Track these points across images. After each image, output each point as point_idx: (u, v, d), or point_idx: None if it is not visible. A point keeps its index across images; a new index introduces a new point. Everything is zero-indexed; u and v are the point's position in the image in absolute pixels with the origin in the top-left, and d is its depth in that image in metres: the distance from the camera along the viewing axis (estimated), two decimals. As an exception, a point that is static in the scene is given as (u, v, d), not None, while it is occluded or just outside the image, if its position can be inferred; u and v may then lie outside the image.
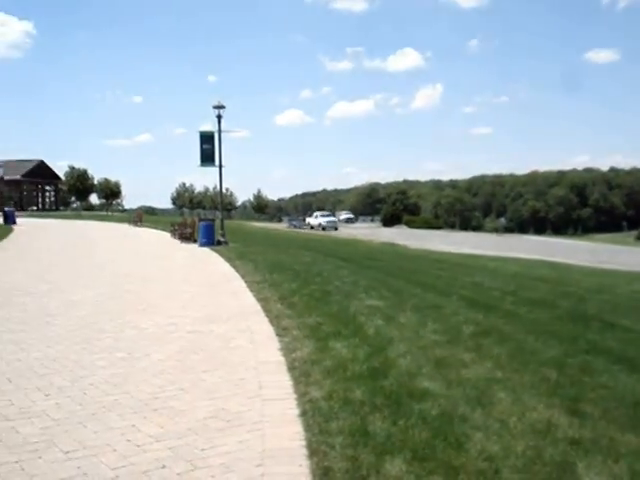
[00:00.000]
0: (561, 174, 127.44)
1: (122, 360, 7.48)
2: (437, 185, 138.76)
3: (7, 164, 65.72)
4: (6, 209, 52.78)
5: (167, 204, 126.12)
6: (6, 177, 63.07)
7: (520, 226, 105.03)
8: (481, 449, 4.60)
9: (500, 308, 10.80)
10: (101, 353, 7.81)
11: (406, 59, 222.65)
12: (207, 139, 27.23)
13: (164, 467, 4.47)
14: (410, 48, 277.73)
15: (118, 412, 5.64)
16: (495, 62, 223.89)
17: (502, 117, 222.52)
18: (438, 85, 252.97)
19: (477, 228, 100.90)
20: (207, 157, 27.19)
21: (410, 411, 5.35)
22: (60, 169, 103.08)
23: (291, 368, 6.87)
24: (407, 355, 7.20)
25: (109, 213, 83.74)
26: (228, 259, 19.76)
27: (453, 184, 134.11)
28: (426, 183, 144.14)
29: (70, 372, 6.95)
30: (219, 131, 26.94)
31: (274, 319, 9.58)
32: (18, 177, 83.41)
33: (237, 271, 16.35)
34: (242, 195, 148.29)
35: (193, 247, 25.88)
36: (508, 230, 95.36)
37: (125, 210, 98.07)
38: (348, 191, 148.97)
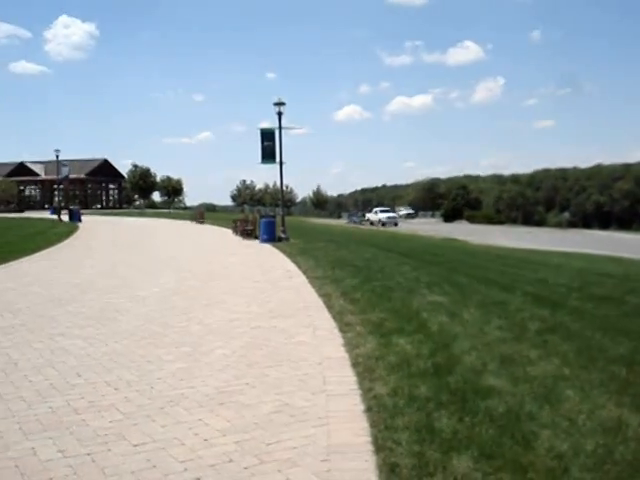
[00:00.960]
0: (626, 167, 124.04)
1: (188, 355, 7.59)
2: (498, 179, 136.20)
3: (72, 163, 67.22)
4: (72, 207, 54.20)
5: (227, 201, 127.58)
6: (71, 176, 64.54)
7: (584, 221, 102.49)
8: (549, 447, 4.52)
9: (566, 304, 10.61)
10: (167, 348, 7.95)
11: (466, 52, 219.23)
12: (268, 136, 27.40)
13: (231, 461, 4.52)
14: (470, 41, 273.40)
15: (185, 406, 5.72)
16: (558, 53, 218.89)
17: (565, 110, 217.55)
18: (499, 78, 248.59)
19: (540, 223, 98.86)
20: (268, 154, 27.35)
21: (476, 408, 5.29)
22: (123, 167, 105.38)
23: (355, 364, 6.86)
24: (472, 352, 7.12)
25: (171, 210, 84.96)
26: (289, 255, 19.87)
27: (515, 178, 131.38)
28: (487, 177, 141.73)
29: (138, 367, 7.08)
30: (279, 128, 27.08)
31: (337, 315, 9.59)
32: (83, 176, 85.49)
33: (299, 267, 16.42)
34: (302, 191, 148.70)
35: (254, 243, 26.10)
36: (571, 225, 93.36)
37: (187, 207, 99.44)
38: (408, 186, 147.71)
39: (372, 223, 71.23)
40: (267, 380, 6.52)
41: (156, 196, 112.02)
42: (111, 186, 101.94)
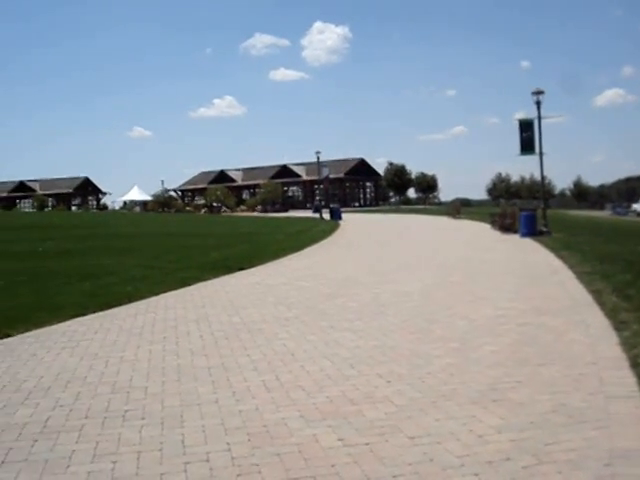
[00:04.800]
0: None
1: (455, 350, 7.58)
2: None
3: (331, 164, 70.17)
4: (332, 206, 56.40)
5: (481, 195, 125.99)
6: (330, 176, 67.30)
7: None
8: None
9: None
10: (435, 343, 7.99)
11: None
12: (526, 127, 26.83)
13: (508, 459, 4.44)
14: None
15: (457, 402, 5.72)
16: None
17: None
18: None
19: None
20: (527, 145, 26.79)
21: None
22: (379, 166, 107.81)
23: (634, 365, 6.47)
24: None
25: (426, 206, 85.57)
26: (552, 249, 19.25)
27: None
28: None
29: (407, 360, 7.19)
30: (539, 118, 26.36)
31: (609, 312, 9.11)
32: (341, 175, 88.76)
33: (564, 262, 15.85)
34: (559, 183, 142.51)
35: (514, 238, 25.56)
36: None
37: (441, 203, 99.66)
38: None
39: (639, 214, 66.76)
40: (539, 379, 6.34)
41: (411, 192, 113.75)
42: (367, 184, 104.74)
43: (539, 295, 11.30)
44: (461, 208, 54.03)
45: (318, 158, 57.99)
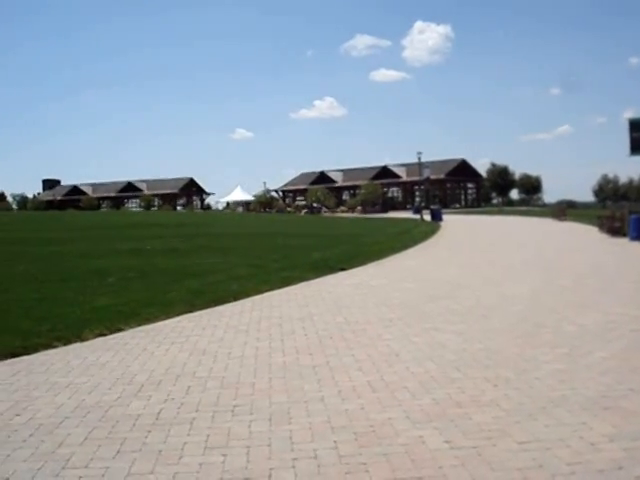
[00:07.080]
0: None
1: (565, 356, 7.41)
2: None
3: (432, 164, 69.53)
4: (432, 207, 55.88)
5: (587, 197, 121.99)
6: (431, 177, 66.72)
7: None
8: None
9: None
10: (542, 348, 7.83)
11: None
12: (636, 126, 25.95)
13: (621, 468, 4.34)
14: None
15: (567, 408, 5.60)
16: None
17: None
18: None
19: None
20: (637, 145, 25.89)
21: None
22: (481, 167, 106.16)
23: None
24: None
25: (530, 208, 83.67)
26: (664, 254, 18.57)
27: None
28: None
29: (514, 365, 7.09)
30: (650, 117, 25.47)
31: None
32: (442, 176, 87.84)
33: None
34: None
35: (623, 241, 24.72)
36: None
37: (545, 205, 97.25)
38: None
39: None
40: (653, 387, 6.15)
41: (513, 194, 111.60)
42: (469, 185, 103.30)
43: (654, 301, 10.92)
44: (566, 210, 52.57)
45: (419, 159, 57.45)
